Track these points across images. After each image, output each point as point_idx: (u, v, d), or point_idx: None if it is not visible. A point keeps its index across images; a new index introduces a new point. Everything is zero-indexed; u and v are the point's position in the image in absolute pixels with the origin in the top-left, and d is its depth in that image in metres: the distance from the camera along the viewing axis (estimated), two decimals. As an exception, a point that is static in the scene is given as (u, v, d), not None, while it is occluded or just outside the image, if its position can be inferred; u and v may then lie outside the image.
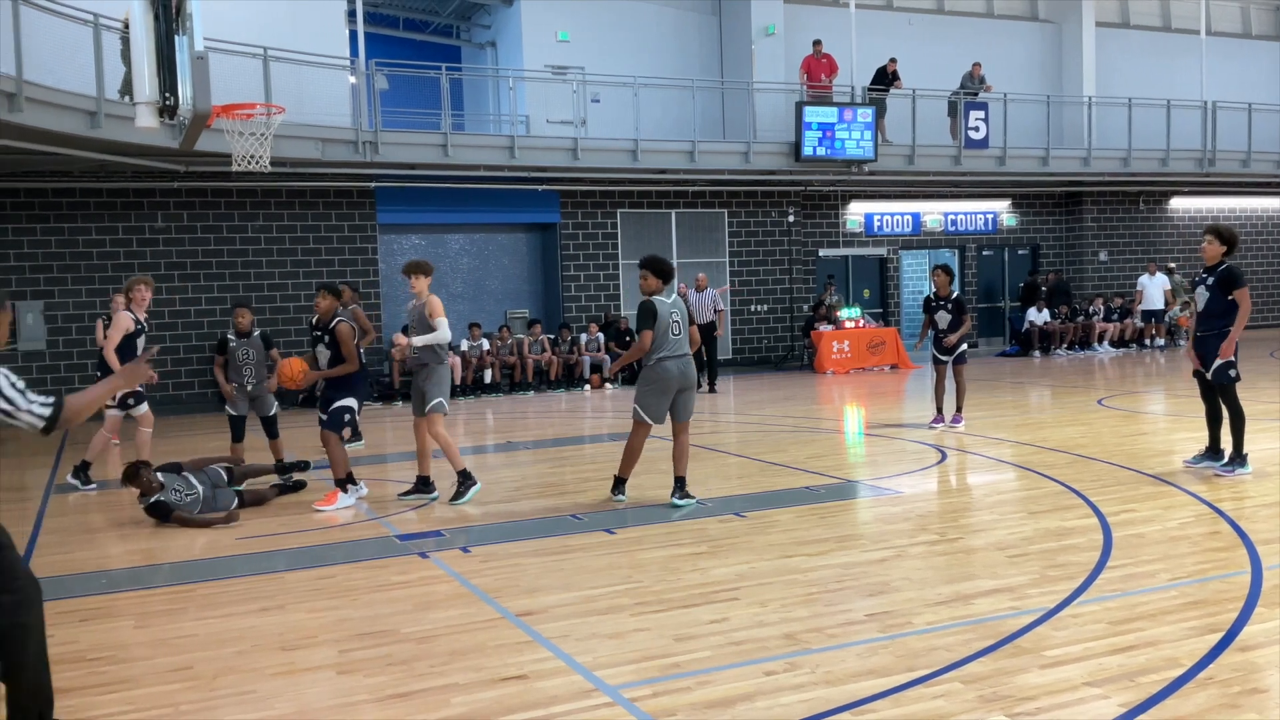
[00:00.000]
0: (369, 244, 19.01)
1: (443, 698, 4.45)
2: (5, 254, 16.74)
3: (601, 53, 21.16)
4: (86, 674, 4.85)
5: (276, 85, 15.86)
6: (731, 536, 7.18)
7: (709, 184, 21.35)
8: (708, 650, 4.92)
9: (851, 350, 20.34)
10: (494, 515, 8.19)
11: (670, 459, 8.49)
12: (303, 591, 6.18)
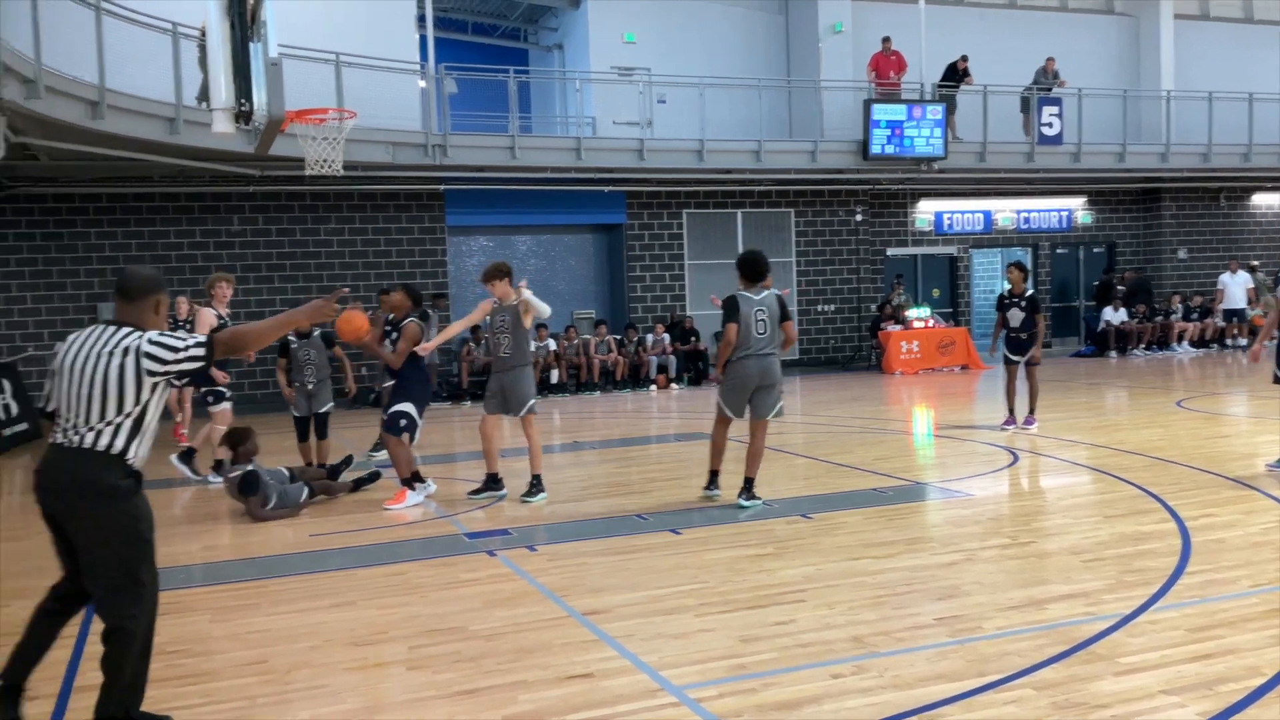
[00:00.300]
0: (438, 245, 19.25)
1: (510, 695, 4.49)
2: (89, 257, 17.27)
3: (667, 53, 21.17)
4: (165, 667, 4.98)
5: (348, 90, 16.14)
6: (798, 538, 7.13)
7: (775, 183, 21.24)
8: (774, 652, 4.90)
9: (921, 350, 20.08)
10: (560, 515, 8.24)
11: (744, 459, 8.42)
12: (374, 588, 6.28)
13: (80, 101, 12.95)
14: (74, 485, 4.02)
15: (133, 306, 4.17)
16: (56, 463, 4.08)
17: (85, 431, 4.03)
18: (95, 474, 4.00)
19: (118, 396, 4.01)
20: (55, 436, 4.12)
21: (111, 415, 4.02)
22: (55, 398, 4.15)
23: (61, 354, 4.17)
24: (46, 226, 17.07)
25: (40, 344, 17.08)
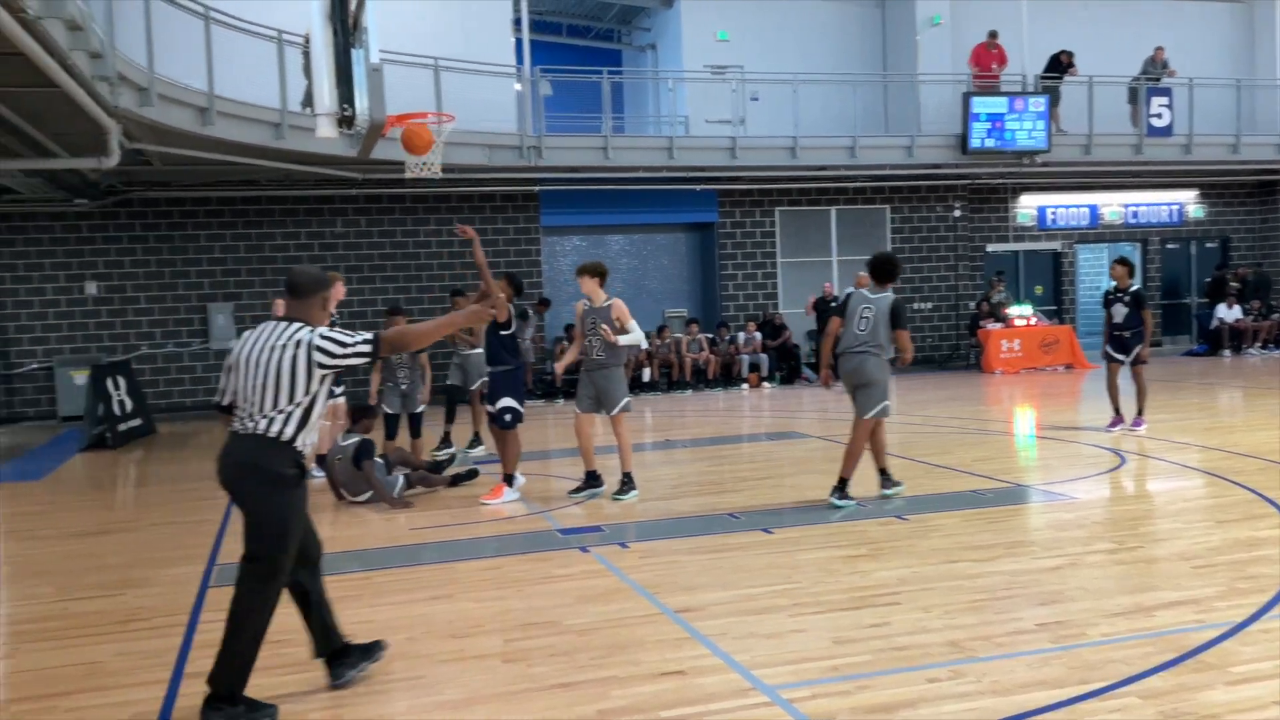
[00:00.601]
0: (533, 246, 19.48)
1: (602, 690, 4.53)
2: (199, 259, 17.92)
3: (761, 51, 21.06)
4: (271, 654, 5.13)
5: (446, 94, 16.43)
6: (893, 539, 7.03)
7: (870, 179, 20.96)
8: (868, 654, 4.84)
9: (1023, 349, 19.60)
10: (652, 512, 8.27)
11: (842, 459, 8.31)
12: (470, 582, 6.39)
13: (190, 108, 13.45)
14: (244, 465, 4.37)
15: (301, 303, 4.51)
16: (233, 446, 4.43)
17: (259, 419, 4.35)
18: (265, 459, 4.34)
19: (289, 387, 4.33)
20: (234, 425, 4.47)
21: (283, 404, 4.34)
22: (231, 390, 4.52)
23: (237, 350, 4.51)
24: (159, 229, 17.77)
25: (153, 343, 17.80)
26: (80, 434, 13.77)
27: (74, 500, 10.08)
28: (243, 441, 4.39)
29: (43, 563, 7.37)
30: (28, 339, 17.29)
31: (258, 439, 4.35)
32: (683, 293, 21.42)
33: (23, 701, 4.67)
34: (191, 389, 18.01)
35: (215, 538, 7.88)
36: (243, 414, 4.43)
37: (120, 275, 17.63)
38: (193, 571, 6.87)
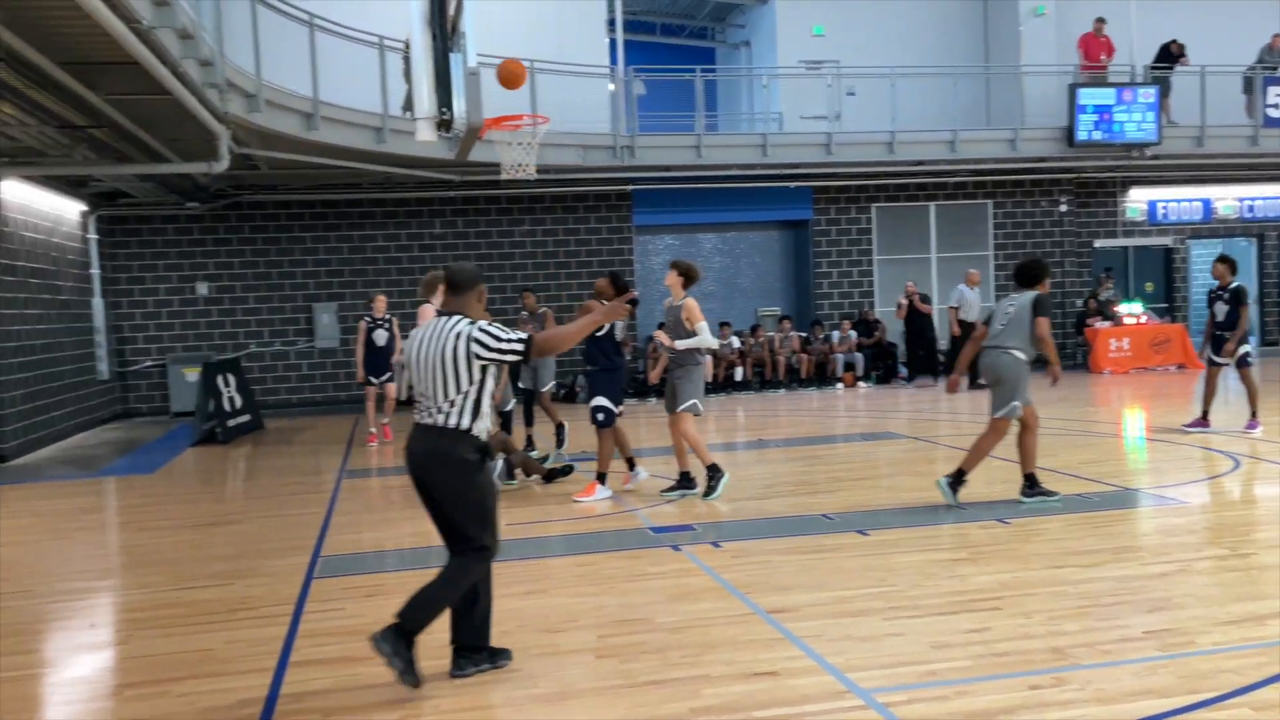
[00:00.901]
0: (625, 245, 19.56)
1: (694, 688, 4.52)
2: (304, 260, 18.44)
3: (858, 45, 20.79)
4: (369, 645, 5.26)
5: (541, 95, 16.61)
6: (994, 543, 6.87)
7: (971, 174, 20.52)
8: (967, 660, 4.74)
9: (1132, 348, 18.98)
10: (744, 512, 8.23)
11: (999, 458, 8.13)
12: (564, 577, 6.44)
13: (296, 113, 13.86)
14: (433, 455, 4.66)
15: (460, 298, 4.82)
16: (418, 438, 4.73)
17: (436, 412, 4.67)
18: (450, 447, 4.63)
19: (455, 376, 4.63)
20: (417, 417, 4.78)
21: (452, 394, 4.64)
22: (407, 385, 4.81)
23: (409, 347, 4.82)
24: (266, 231, 18.34)
25: (261, 341, 18.38)
26: (192, 429, 14.29)
27: (186, 493, 10.46)
28: (426, 433, 4.70)
29: (156, 552, 7.67)
30: (142, 338, 18.02)
31: (439, 430, 4.66)
32: (776, 291, 21.28)
33: (137, 686, 4.87)
34: (297, 386, 18.55)
35: (320, 531, 8.10)
36: (422, 406, 4.75)
37: (230, 276, 18.24)
38: (298, 563, 7.07)
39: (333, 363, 18.58)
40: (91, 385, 16.09)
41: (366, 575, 6.75)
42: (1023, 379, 7.94)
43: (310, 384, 18.55)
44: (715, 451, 11.21)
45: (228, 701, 4.59)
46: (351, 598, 6.18)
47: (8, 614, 6.18)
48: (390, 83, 14.58)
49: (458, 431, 4.64)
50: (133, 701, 4.68)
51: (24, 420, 13.12)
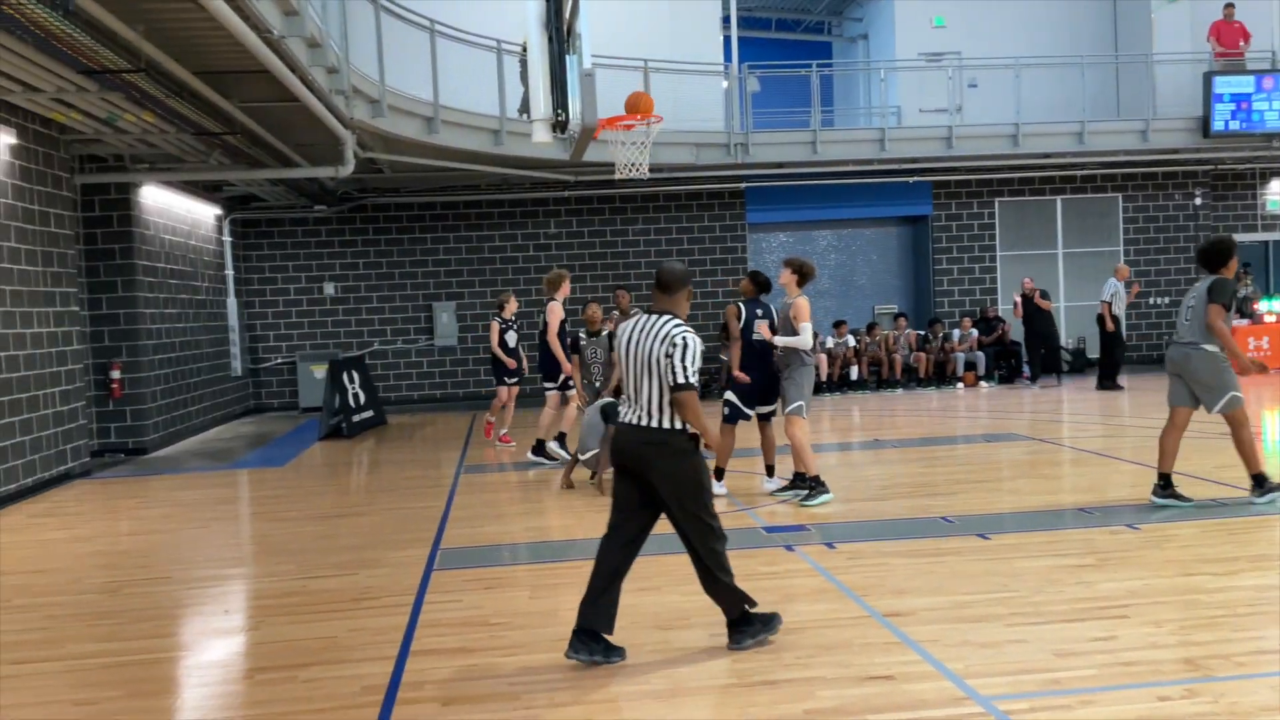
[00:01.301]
0: (739, 243, 19.49)
1: (808, 690, 4.48)
2: (425, 260, 18.91)
3: (979, 36, 20.29)
4: (489, 637, 5.37)
5: (655, 94, 16.64)
6: (1122, 549, 6.62)
7: (1100, 166, 19.80)
8: (1092, 669, 4.58)
9: (1272, 347, 18.04)
10: (859, 513, 8.11)
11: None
12: (677, 575, 6.44)
13: (417, 118, 14.22)
14: (649, 447, 4.86)
15: (670, 297, 5.00)
16: (629, 435, 4.93)
17: (642, 411, 4.88)
18: (663, 439, 4.84)
19: (660, 377, 4.81)
20: (624, 415, 4.99)
21: (659, 396, 4.82)
22: (616, 378, 5.16)
23: (619, 344, 5.03)
24: (389, 233, 18.87)
25: (384, 340, 18.92)
26: (319, 424, 14.79)
27: (313, 485, 10.84)
28: (637, 431, 4.88)
29: (285, 542, 7.97)
30: (273, 336, 18.75)
31: (649, 430, 4.85)
32: (893, 288, 20.91)
33: (266, 671, 5.07)
34: (418, 383, 19.04)
35: (439, 524, 8.29)
36: (630, 403, 4.95)
37: (354, 276, 18.83)
38: (418, 555, 7.25)
39: (451, 360, 19.01)
40: (226, 381, 16.82)
41: (484, 568, 6.89)
42: (1219, 372, 7.57)
43: (430, 381, 19.03)
44: (830, 452, 11.11)
45: (351, 689, 4.74)
46: (470, 590, 6.31)
47: (148, 599, 6.51)
48: (508, 85, 14.84)
49: (670, 431, 4.84)
50: (262, 685, 4.87)
51: (164, 415, 13.79)
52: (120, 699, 4.76)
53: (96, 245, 13.00)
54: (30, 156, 10.62)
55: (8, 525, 8.99)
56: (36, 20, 6.76)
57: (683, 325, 4.88)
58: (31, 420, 10.37)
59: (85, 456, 11.72)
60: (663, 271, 5.03)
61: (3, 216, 10.03)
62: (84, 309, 12.66)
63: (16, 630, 5.87)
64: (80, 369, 11.68)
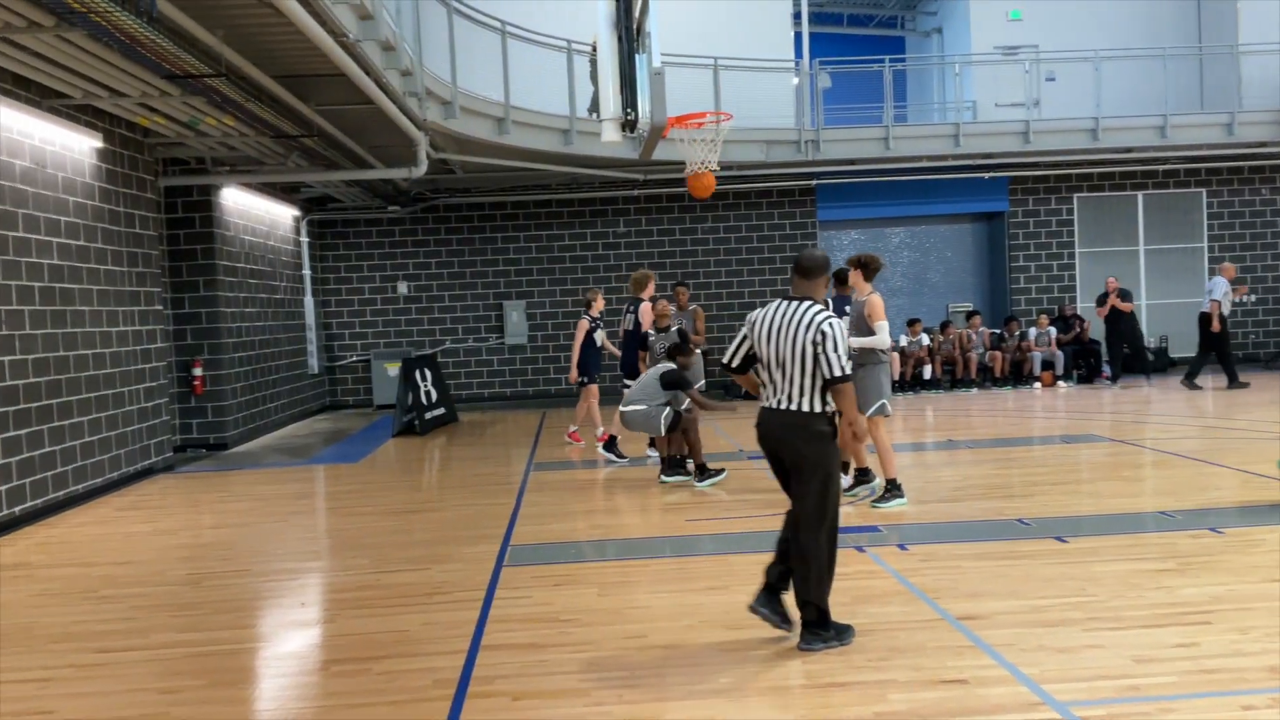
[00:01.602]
0: (809, 241, 19.33)
1: (880, 692, 4.43)
2: (495, 259, 19.10)
3: (1057, 28, 19.86)
4: (557, 633, 5.41)
5: (725, 91, 16.62)
6: (1205, 554, 6.43)
7: (1183, 161, 19.25)
8: (1172, 676, 4.46)
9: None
10: (932, 514, 7.99)
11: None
12: (746, 575, 6.42)
13: (489, 119, 14.36)
14: (789, 430, 5.02)
15: (810, 283, 5.13)
16: (771, 419, 5.09)
17: (784, 396, 5.02)
18: (806, 422, 4.98)
19: (805, 361, 4.94)
20: (765, 400, 5.12)
21: (802, 379, 4.96)
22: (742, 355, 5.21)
23: (756, 330, 5.15)
24: (461, 233, 19.09)
25: (455, 338, 19.14)
26: (392, 421, 15.02)
27: (387, 481, 11.01)
28: (780, 415, 5.03)
29: (360, 537, 8.11)
30: (348, 334, 19.09)
31: (792, 413, 4.99)
32: (968, 286, 20.57)
33: (342, 663, 5.17)
34: (489, 381, 19.23)
35: (509, 520, 8.37)
36: (771, 389, 5.07)
37: (427, 276, 19.09)
38: (489, 551, 7.33)
39: (521, 358, 19.17)
40: (303, 379, 17.17)
41: (553, 565, 6.93)
42: None
43: (500, 379, 19.21)
44: (904, 453, 10.96)
45: (423, 682, 4.81)
46: (539, 586, 6.36)
47: (229, 591, 6.67)
48: (577, 85, 14.92)
49: (810, 414, 4.96)
50: (337, 677, 4.96)
51: (244, 411, 14.13)
52: (202, 688, 4.89)
53: (179, 246, 13.36)
54: (116, 160, 10.96)
55: (96, 518, 9.29)
56: (122, 27, 6.96)
57: (826, 311, 4.99)
58: (118, 416, 10.71)
59: (168, 452, 12.06)
60: (804, 258, 5.15)
61: (90, 218, 10.36)
62: (167, 308, 13.02)
63: (104, 620, 6.06)
64: (164, 366, 12.02)
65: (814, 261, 5.13)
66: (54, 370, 9.50)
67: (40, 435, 9.24)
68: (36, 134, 9.41)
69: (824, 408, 4.98)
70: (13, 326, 8.87)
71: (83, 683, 5.00)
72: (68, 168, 9.97)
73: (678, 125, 11.86)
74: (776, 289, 19.21)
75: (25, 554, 7.95)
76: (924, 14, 24.37)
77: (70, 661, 5.31)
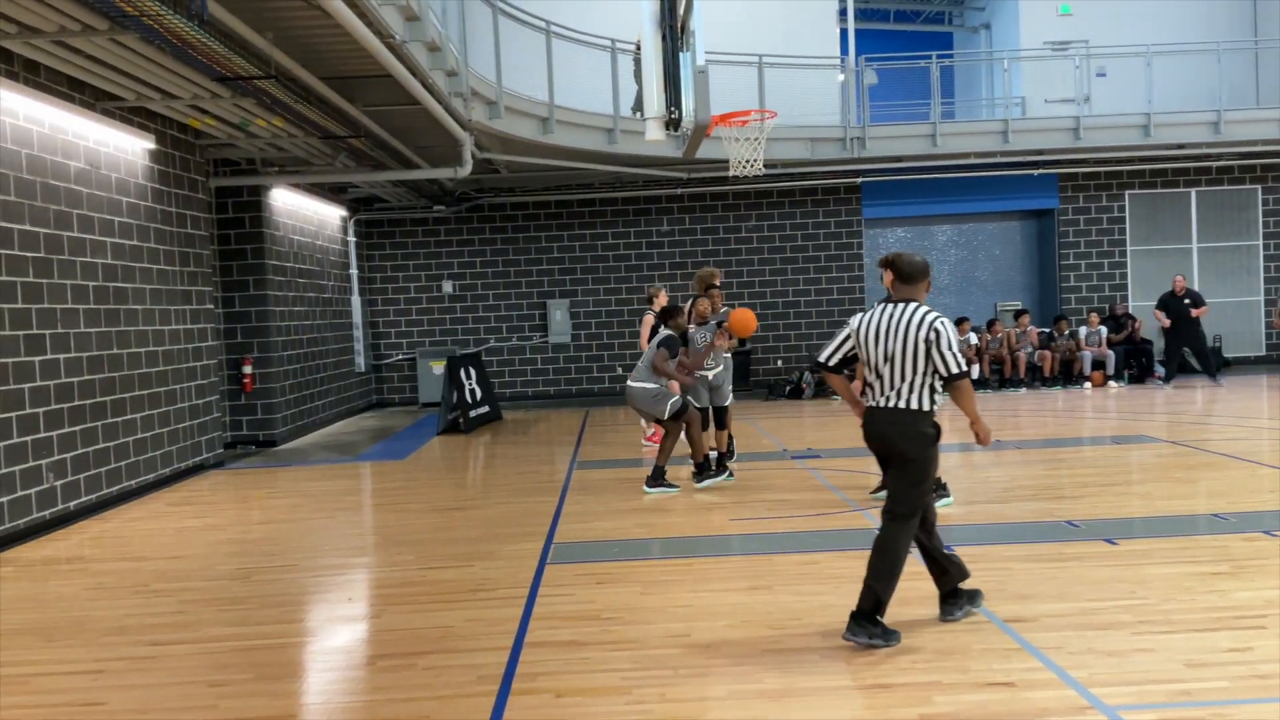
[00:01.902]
0: (854, 239, 19.21)
1: (925, 694, 4.39)
2: (539, 258, 19.18)
3: (1108, 23, 19.57)
4: (600, 631, 5.42)
5: (769, 90, 16.55)
6: (1259, 557, 6.30)
7: (1238, 157, 18.87)
8: (1225, 680, 4.37)
9: None
10: (979, 515, 7.91)
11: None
12: (789, 575, 6.40)
13: (533, 118, 14.42)
14: (895, 428, 5.10)
15: (912, 287, 5.25)
16: (878, 418, 5.17)
17: (892, 394, 5.10)
18: (912, 421, 5.07)
19: (915, 360, 5.04)
20: (871, 400, 5.21)
21: (910, 377, 5.05)
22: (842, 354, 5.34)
23: (862, 332, 5.23)
24: (505, 232, 19.20)
25: (499, 337, 19.25)
26: (437, 419, 15.14)
27: (432, 478, 11.10)
28: (886, 414, 5.11)
29: (406, 533, 8.18)
30: (394, 333, 19.27)
31: (900, 411, 5.07)
32: (1016, 284, 20.32)
33: (388, 658, 5.21)
34: (532, 379, 19.32)
35: (552, 518, 8.40)
36: (878, 388, 5.15)
37: (472, 275, 19.21)
38: (533, 548, 7.36)
39: (564, 357, 19.23)
40: (350, 377, 17.36)
41: (596, 563, 6.94)
42: None
43: (544, 377, 19.29)
44: (950, 452, 10.85)
45: (467, 678, 4.84)
46: (582, 584, 6.38)
47: (277, 585, 6.76)
48: (621, 84, 14.93)
49: (919, 413, 5.06)
50: (383, 672, 5.01)
51: (292, 409, 14.31)
52: (250, 681, 4.95)
53: (230, 245, 13.56)
54: (168, 161, 11.14)
55: (148, 513, 9.46)
56: (174, 30, 7.07)
57: (935, 311, 5.11)
58: (169, 413, 10.89)
59: (219, 448, 12.25)
60: (903, 262, 5.25)
61: (143, 219, 10.55)
62: (218, 307, 13.22)
63: (155, 613, 6.17)
64: (214, 364, 12.21)
65: (914, 266, 5.25)
66: (108, 368, 9.69)
67: (94, 432, 9.43)
68: (91, 136, 9.60)
69: (931, 407, 5.09)
70: (68, 325, 9.06)
71: (134, 675, 5.10)
72: (121, 169, 10.15)
73: (722, 123, 11.84)
74: (821, 288, 19.10)
75: (79, 548, 8.12)
76: (972, 9, 24.10)
77: (122, 654, 5.41)
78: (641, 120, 9.10)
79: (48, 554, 7.95)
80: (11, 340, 8.27)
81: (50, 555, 7.91)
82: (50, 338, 8.80)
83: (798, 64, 17.27)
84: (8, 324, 8.22)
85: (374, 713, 4.50)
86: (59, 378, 8.89)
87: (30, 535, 8.40)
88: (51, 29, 7.60)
